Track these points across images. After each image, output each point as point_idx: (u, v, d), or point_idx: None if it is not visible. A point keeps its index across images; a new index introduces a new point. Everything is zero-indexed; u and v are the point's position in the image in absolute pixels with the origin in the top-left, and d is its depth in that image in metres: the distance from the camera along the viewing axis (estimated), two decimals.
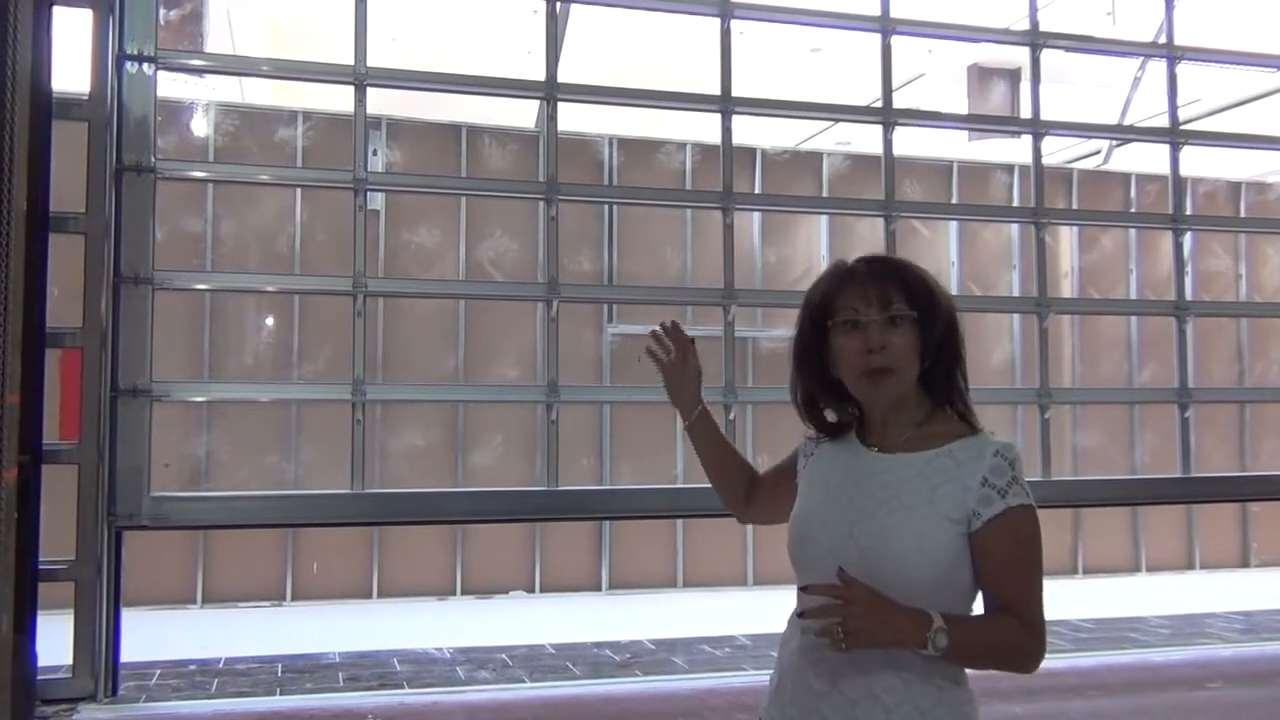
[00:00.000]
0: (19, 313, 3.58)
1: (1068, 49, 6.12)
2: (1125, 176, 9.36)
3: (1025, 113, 6.22)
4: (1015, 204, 8.99)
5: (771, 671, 1.82)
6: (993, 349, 8.86)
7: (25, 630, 3.78)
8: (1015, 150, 8.74)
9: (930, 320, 1.70)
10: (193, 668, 4.91)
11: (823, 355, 1.76)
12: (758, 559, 8.35)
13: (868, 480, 1.71)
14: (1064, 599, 7.56)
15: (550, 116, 5.08)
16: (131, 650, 4.49)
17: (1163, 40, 6.19)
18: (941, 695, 1.63)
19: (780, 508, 1.90)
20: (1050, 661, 1.69)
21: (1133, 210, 9.25)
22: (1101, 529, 9.04)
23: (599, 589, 8.09)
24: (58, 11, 4.12)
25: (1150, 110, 8.15)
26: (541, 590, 7.98)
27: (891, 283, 1.70)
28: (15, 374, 3.54)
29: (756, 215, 8.46)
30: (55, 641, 4.13)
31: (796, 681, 1.70)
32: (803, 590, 1.72)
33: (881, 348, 1.67)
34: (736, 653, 5.38)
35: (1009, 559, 1.63)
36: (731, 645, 5.54)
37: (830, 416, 1.85)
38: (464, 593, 7.84)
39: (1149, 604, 6.98)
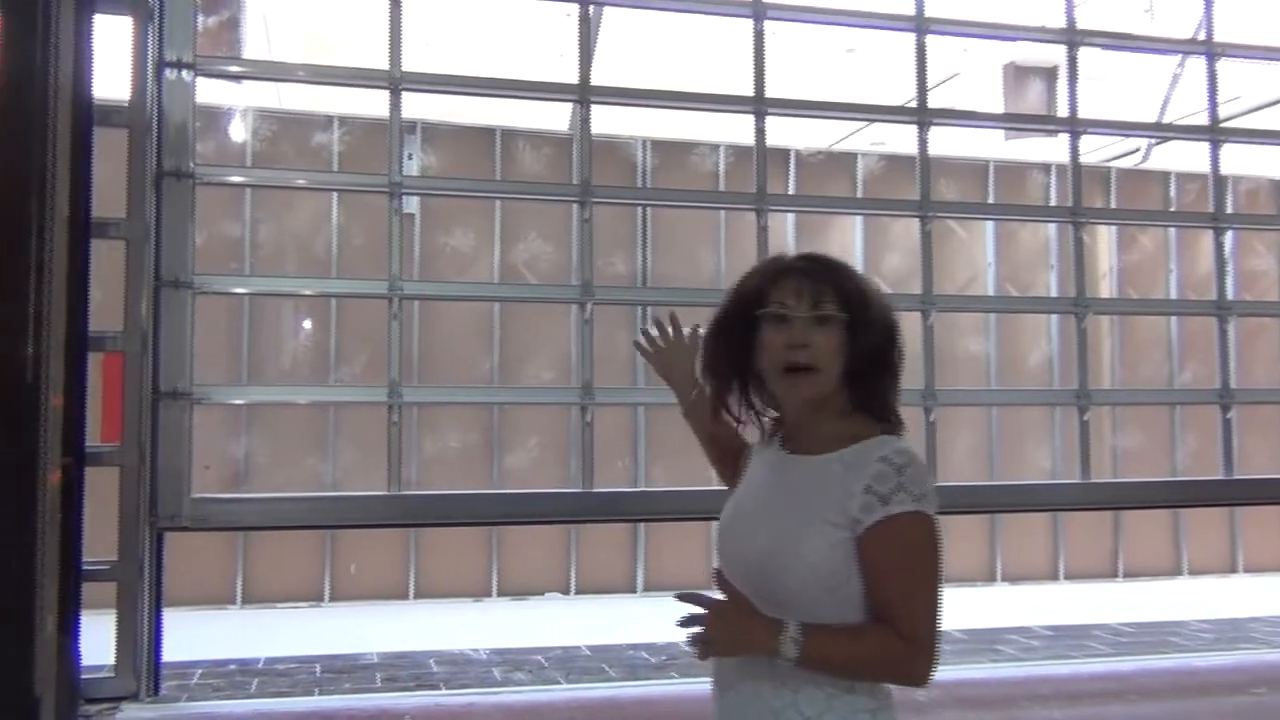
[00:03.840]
0: (62, 317, 3.63)
1: (1105, 46, 6.06)
2: (1164, 175, 9.24)
3: (1062, 111, 6.15)
4: (1053, 203, 8.91)
5: None
6: (1030, 350, 8.78)
7: (69, 630, 3.83)
8: (1052, 149, 8.65)
9: (860, 325, 1.67)
10: (233, 667, 4.96)
11: (746, 344, 1.74)
12: None
13: (778, 482, 1.73)
14: (1103, 602, 7.51)
15: (584, 119, 5.09)
16: (173, 650, 4.54)
17: (1202, 36, 6.11)
18: (831, 702, 1.61)
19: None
20: (1090, 665, 1.67)
21: (1172, 209, 9.14)
22: (1142, 532, 8.94)
23: (634, 591, 8.09)
24: (99, 20, 4.18)
25: (1190, 108, 8.04)
26: (577, 592, 7.99)
27: (825, 282, 1.70)
28: (59, 377, 3.59)
29: (791, 216, 8.43)
30: (98, 641, 4.18)
31: (716, 683, 1.77)
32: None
33: (804, 345, 1.66)
34: None
35: (885, 566, 1.59)
36: None
37: (733, 408, 1.83)
38: (500, 594, 7.87)
39: (1191, 608, 6.89)
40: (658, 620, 7.25)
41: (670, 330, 2.19)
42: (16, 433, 3.36)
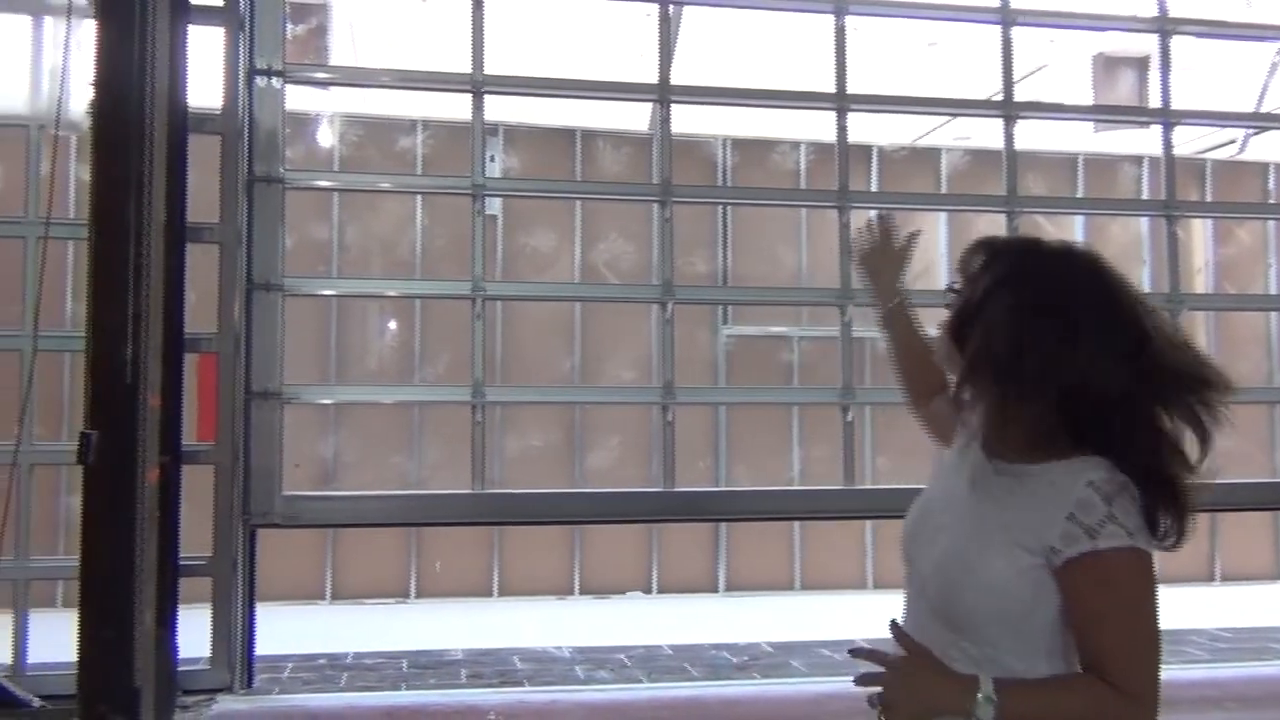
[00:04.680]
0: (159, 320, 3.72)
1: (1199, 35, 5.87)
2: (1262, 166, 8.95)
3: (1154, 102, 5.98)
4: (1145, 196, 8.68)
5: None
6: None
7: (167, 624, 3.93)
8: (1144, 141, 8.42)
9: None
10: (323, 662, 5.05)
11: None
12: (877, 561, 8.23)
13: (970, 489, 1.58)
14: (1200, 606, 7.28)
15: (664, 118, 5.09)
16: (265, 644, 4.64)
17: None
18: None
19: (938, 433, 1.81)
20: (1185, 672, 1.61)
21: (1270, 201, 8.83)
22: (1240, 534, 8.66)
23: (716, 590, 8.08)
24: (192, 30, 4.29)
25: None
26: (659, 591, 8.00)
27: None
28: (156, 378, 3.69)
29: (873, 213, 8.32)
30: (194, 635, 4.29)
31: None
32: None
33: None
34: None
35: (1095, 610, 1.43)
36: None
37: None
38: (582, 592, 7.91)
39: None
40: (739, 620, 7.24)
41: (878, 230, 2.13)
42: (117, 432, 3.46)
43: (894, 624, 1.56)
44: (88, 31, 3.76)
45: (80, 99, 4.09)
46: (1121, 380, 1.44)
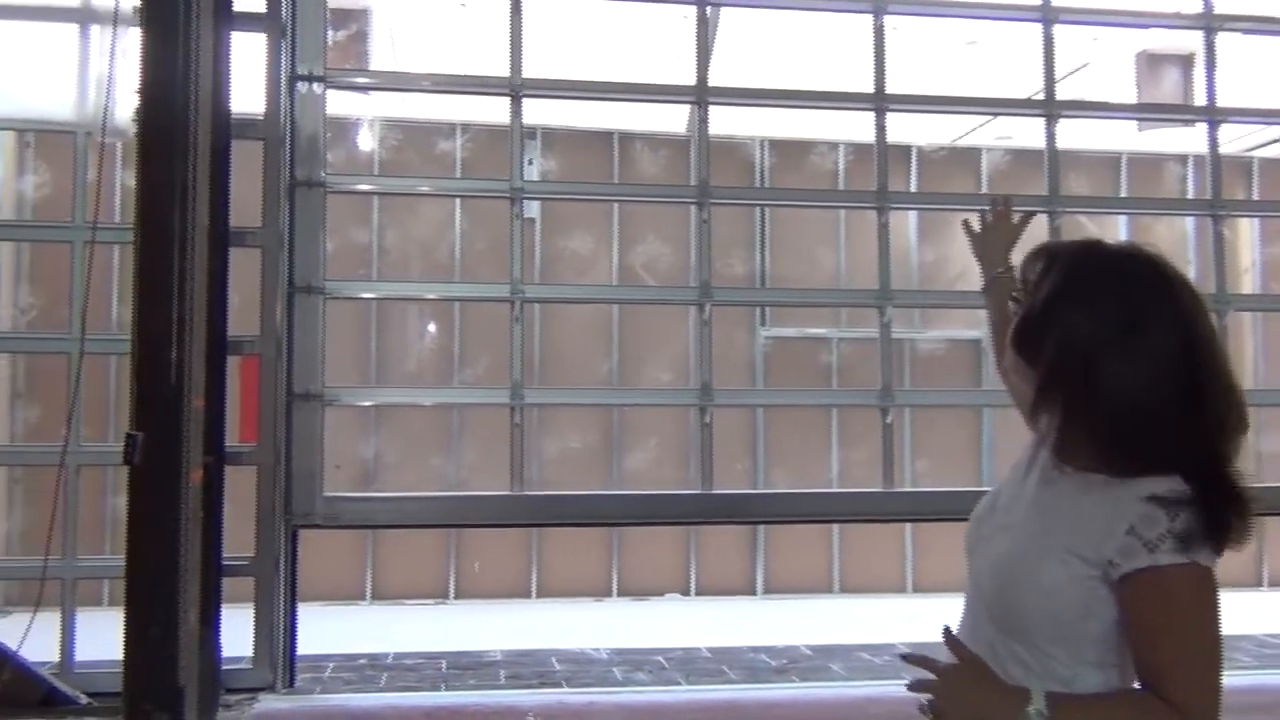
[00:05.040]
0: (203, 322, 3.77)
1: (1246, 31, 5.78)
2: None
3: (1200, 100, 5.90)
4: (1190, 196, 8.56)
5: None
6: None
7: (211, 623, 3.98)
8: (1189, 139, 8.31)
9: None
10: (363, 661, 5.09)
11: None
12: (917, 565, 8.17)
13: (1036, 490, 1.57)
14: (1248, 612, 7.16)
15: (701, 120, 5.08)
16: (307, 643, 4.68)
17: None
18: None
19: (1023, 407, 1.73)
20: (1234, 679, 1.57)
21: None
22: None
23: (754, 593, 8.06)
24: (235, 37, 4.34)
25: None
26: (697, 593, 7.99)
27: None
28: (200, 380, 3.73)
29: (913, 214, 8.28)
30: (236, 634, 4.34)
31: None
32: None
33: None
34: (896, 661, 5.25)
35: (1152, 626, 1.40)
36: (891, 653, 5.43)
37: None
38: (620, 594, 7.92)
39: None
40: (778, 623, 7.21)
41: (995, 215, 2.17)
42: (162, 434, 3.51)
43: (947, 631, 1.54)
44: (133, 40, 3.82)
45: (126, 106, 4.16)
46: (1183, 390, 1.44)
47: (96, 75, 4.39)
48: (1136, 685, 1.47)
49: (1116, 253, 1.56)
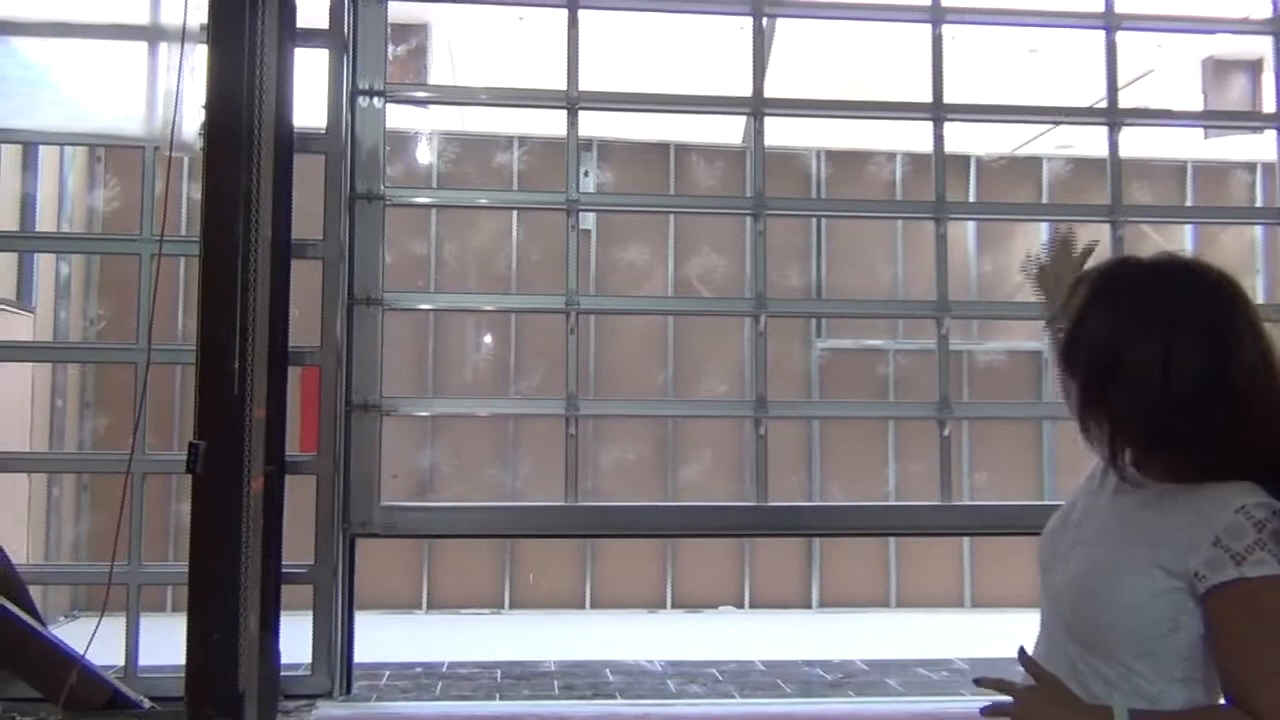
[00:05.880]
0: (265, 334, 3.83)
1: None
2: None
3: (1268, 106, 5.77)
4: (1259, 204, 8.37)
5: None
6: None
7: (270, 629, 4.04)
8: (1257, 147, 8.13)
9: None
10: (419, 670, 5.13)
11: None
12: (975, 580, 8.06)
13: (1112, 501, 1.54)
14: None
15: (757, 131, 5.08)
16: (364, 651, 4.73)
17: None
18: None
19: None
20: None
21: None
22: None
23: (809, 606, 7.99)
24: (298, 52, 4.42)
25: None
26: (751, 606, 7.95)
27: None
28: (262, 390, 3.79)
29: (971, 225, 8.19)
30: (295, 641, 4.40)
31: None
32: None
33: None
34: (953, 676, 5.20)
35: (1240, 638, 1.37)
36: (948, 669, 5.36)
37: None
38: (674, 606, 7.89)
39: None
40: (833, 636, 7.14)
41: (1059, 246, 2.06)
42: (224, 443, 3.56)
43: (1022, 651, 1.52)
44: (200, 57, 3.91)
45: (193, 121, 4.25)
46: (1215, 386, 1.41)
47: (164, 91, 4.49)
48: (1222, 701, 1.43)
49: (1145, 261, 1.56)
